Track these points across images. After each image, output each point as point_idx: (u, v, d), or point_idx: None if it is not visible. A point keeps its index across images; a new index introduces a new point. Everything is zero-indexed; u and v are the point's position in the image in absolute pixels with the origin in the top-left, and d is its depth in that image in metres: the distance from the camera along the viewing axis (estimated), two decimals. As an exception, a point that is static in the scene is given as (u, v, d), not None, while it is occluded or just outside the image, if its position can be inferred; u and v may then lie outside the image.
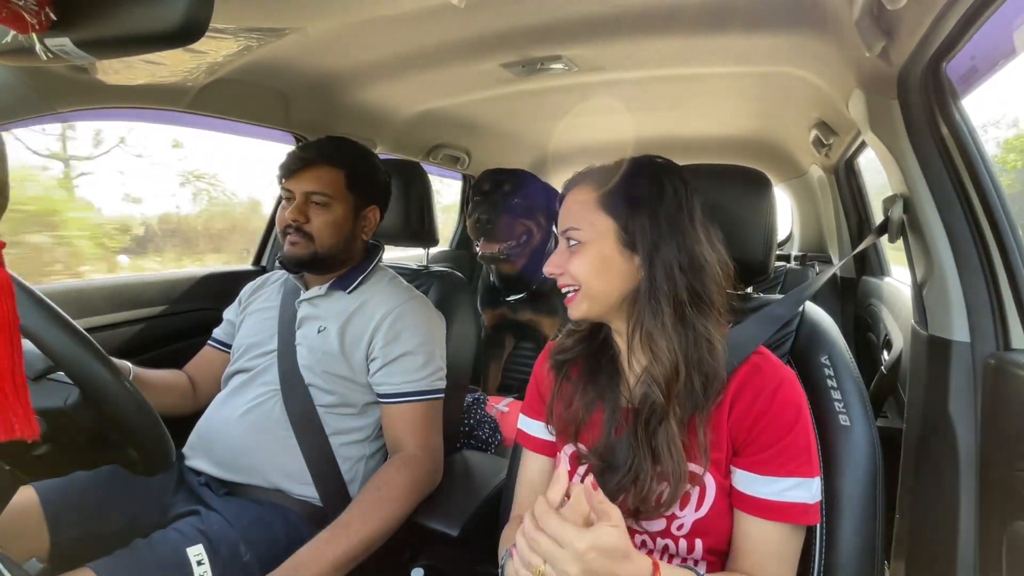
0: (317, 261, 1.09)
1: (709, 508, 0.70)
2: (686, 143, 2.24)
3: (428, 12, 1.03)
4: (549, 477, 0.82)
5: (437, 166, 2.26)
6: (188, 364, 1.25)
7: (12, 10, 0.43)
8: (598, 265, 0.72)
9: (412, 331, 1.08)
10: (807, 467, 0.68)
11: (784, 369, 0.73)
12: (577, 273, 0.73)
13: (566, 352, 0.82)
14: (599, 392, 0.77)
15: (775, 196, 0.92)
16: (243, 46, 1.08)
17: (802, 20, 1.00)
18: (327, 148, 1.11)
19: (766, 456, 0.67)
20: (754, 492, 0.68)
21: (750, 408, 0.69)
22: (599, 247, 0.72)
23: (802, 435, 0.68)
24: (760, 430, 0.68)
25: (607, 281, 0.72)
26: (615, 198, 0.73)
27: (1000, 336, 0.83)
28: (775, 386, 0.69)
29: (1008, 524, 0.72)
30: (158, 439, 0.72)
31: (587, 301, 0.73)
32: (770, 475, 0.67)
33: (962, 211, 0.86)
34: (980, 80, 0.91)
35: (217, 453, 1.04)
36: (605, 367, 0.79)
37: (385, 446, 1.11)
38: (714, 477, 0.70)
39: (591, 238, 0.73)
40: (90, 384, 0.67)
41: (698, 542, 0.71)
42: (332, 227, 1.08)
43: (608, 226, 0.73)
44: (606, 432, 0.75)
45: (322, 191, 1.07)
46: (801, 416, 0.69)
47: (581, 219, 0.74)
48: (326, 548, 0.87)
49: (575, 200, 0.76)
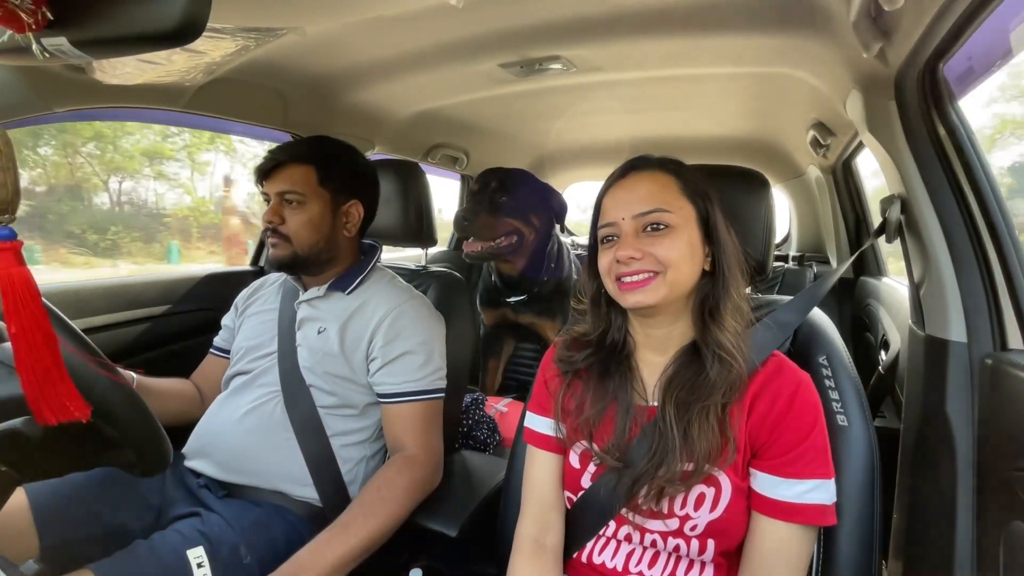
0: (299, 262, 1.09)
1: (724, 509, 0.69)
2: (684, 143, 2.24)
3: (426, 12, 1.03)
4: (559, 473, 0.82)
5: (435, 166, 2.25)
6: (193, 374, 1.25)
7: (9, 9, 0.43)
8: (687, 251, 0.71)
9: (412, 330, 1.07)
10: (825, 468, 0.68)
11: (801, 372, 0.73)
12: (667, 257, 0.70)
13: (574, 363, 0.81)
14: (612, 393, 0.76)
15: (773, 196, 0.92)
16: (241, 46, 1.07)
17: (799, 21, 1.00)
18: (297, 146, 1.11)
19: (788, 459, 0.67)
20: (775, 495, 0.67)
21: (770, 411, 0.69)
22: (688, 233, 0.72)
23: (820, 437, 0.69)
24: (781, 433, 0.68)
25: (692, 267, 0.72)
26: (695, 187, 0.74)
27: (997, 336, 0.83)
28: (794, 389, 0.70)
29: (1005, 524, 0.72)
30: (155, 439, 0.72)
31: (667, 287, 0.70)
32: (792, 477, 0.67)
33: (959, 212, 0.87)
34: (977, 81, 0.91)
35: (217, 455, 1.04)
36: (617, 368, 0.78)
37: (385, 447, 1.11)
38: (730, 478, 0.69)
39: (681, 222, 0.72)
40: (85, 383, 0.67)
41: (711, 543, 0.70)
42: (308, 226, 1.08)
43: (691, 214, 0.73)
44: (619, 431, 0.74)
45: (293, 189, 1.07)
46: (819, 419, 0.69)
47: (669, 202, 0.72)
48: (326, 549, 0.87)
49: (654, 182, 0.74)
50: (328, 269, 1.14)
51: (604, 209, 0.76)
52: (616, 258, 0.71)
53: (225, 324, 1.26)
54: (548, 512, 0.80)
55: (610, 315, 0.80)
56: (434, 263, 1.52)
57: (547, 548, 0.78)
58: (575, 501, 0.79)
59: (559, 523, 0.80)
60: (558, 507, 0.81)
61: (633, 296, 0.71)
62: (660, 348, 0.77)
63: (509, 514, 0.94)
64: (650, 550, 0.75)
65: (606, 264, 0.73)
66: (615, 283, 0.73)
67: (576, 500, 0.78)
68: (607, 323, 0.80)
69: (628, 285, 0.71)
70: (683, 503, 0.70)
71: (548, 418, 0.83)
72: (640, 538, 0.74)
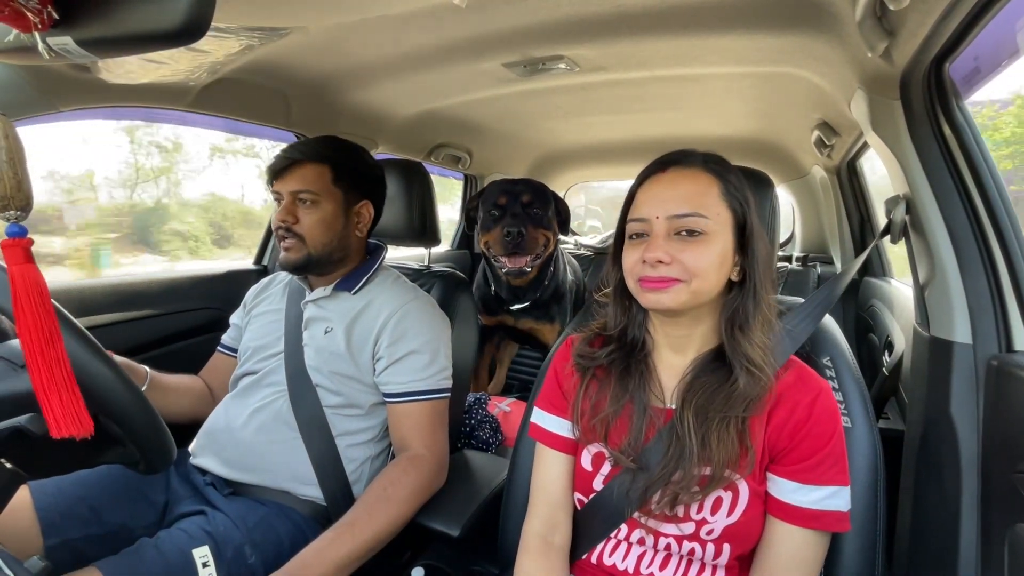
0: (312, 263, 1.09)
1: (741, 514, 0.68)
2: (688, 143, 2.22)
3: (430, 12, 1.03)
4: (569, 473, 0.80)
5: (439, 166, 2.26)
6: (202, 371, 1.25)
7: (14, 9, 0.43)
8: (717, 261, 0.67)
9: (417, 330, 1.07)
10: (843, 475, 0.68)
11: (821, 379, 0.72)
12: (696, 266, 0.66)
13: (595, 360, 0.78)
14: (629, 393, 0.75)
15: (777, 196, 0.92)
16: (245, 45, 1.08)
17: (804, 20, 1.00)
18: (311, 145, 1.11)
19: (806, 465, 0.67)
20: (794, 501, 0.67)
21: (789, 418, 0.68)
22: (722, 243, 0.68)
23: (839, 444, 0.68)
24: (801, 439, 0.67)
25: (720, 277, 0.69)
26: (737, 192, 0.70)
27: (1002, 338, 0.82)
28: (814, 396, 0.69)
29: (1010, 526, 0.72)
30: (159, 436, 0.72)
31: (689, 294, 0.67)
32: (811, 484, 0.66)
33: (964, 212, 0.86)
34: (983, 81, 0.90)
35: (225, 453, 1.04)
36: (635, 368, 0.76)
37: (389, 447, 1.11)
38: (748, 483, 0.68)
39: (716, 230, 0.67)
40: (89, 379, 0.67)
41: (726, 547, 0.70)
42: (322, 225, 1.08)
43: (728, 221, 0.69)
44: (635, 433, 0.73)
45: (308, 188, 1.06)
46: (838, 426, 0.69)
47: (707, 207, 0.67)
48: (330, 548, 0.87)
49: (695, 183, 0.69)
50: (337, 269, 1.14)
51: (638, 202, 0.72)
52: (644, 259, 0.68)
53: (234, 322, 1.27)
54: (556, 511, 0.79)
55: (631, 308, 0.78)
56: (437, 262, 1.52)
57: (554, 547, 0.77)
58: (586, 503, 0.78)
59: (567, 523, 0.79)
60: (566, 507, 0.80)
61: (653, 296, 0.68)
62: (679, 348, 0.75)
63: (512, 514, 0.94)
64: (662, 553, 0.74)
65: (632, 262, 0.70)
66: (637, 281, 0.70)
67: (587, 502, 0.77)
68: (628, 317, 0.78)
69: (650, 285, 0.68)
70: (699, 507, 0.69)
71: (559, 416, 0.81)
72: (654, 542, 0.73)
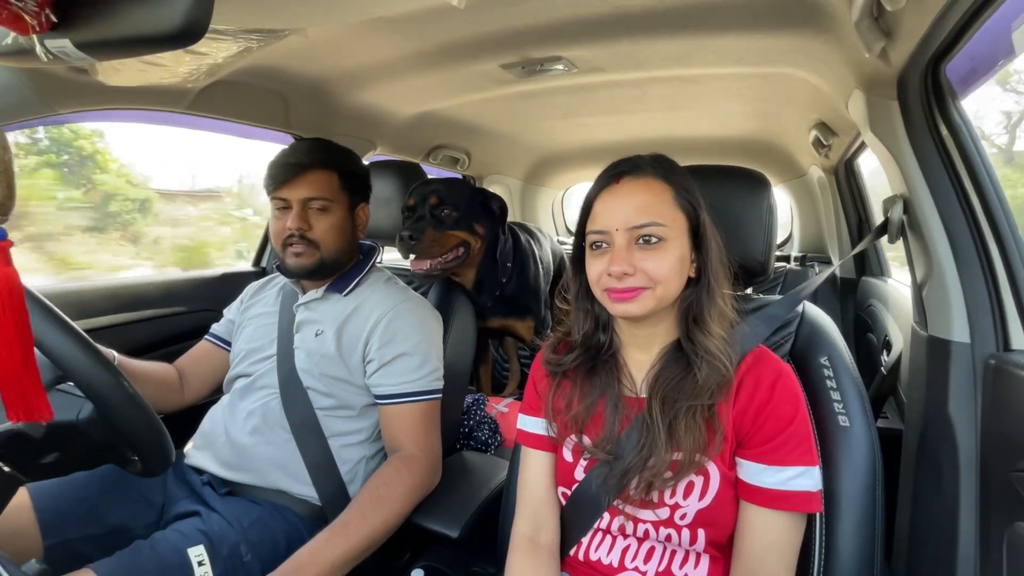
0: (324, 267, 1.10)
1: (713, 498, 0.71)
2: (686, 144, 2.24)
3: (428, 13, 1.03)
4: (552, 472, 0.83)
5: (437, 167, 2.26)
6: (182, 357, 1.23)
7: (12, 11, 0.43)
8: (677, 265, 0.71)
9: (407, 332, 1.08)
10: (809, 456, 0.70)
11: (781, 363, 0.75)
12: (657, 273, 0.69)
13: (562, 365, 0.82)
14: (600, 389, 0.78)
15: (775, 197, 0.92)
16: (243, 47, 1.08)
17: (802, 21, 1.00)
18: (318, 152, 1.10)
19: (771, 446, 0.69)
20: (760, 482, 0.69)
21: (751, 399, 0.71)
22: (679, 246, 0.71)
23: (803, 425, 0.70)
24: (763, 421, 0.70)
25: (681, 279, 0.73)
26: (686, 194, 0.73)
27: (1000, 337, 0.83)
28: (774, 378, 0.72)
29: (1008, 524, 0.72)
30: (158, 439, 0.72)
31: (655, 300, 0.71)
32: (775, 464, 0.68)
33: (962, 212, 0.86)
34: (979, 81, 0.91)
35: (221, 453, 1.05)
36: (603, 366, 0.79)
37: (385, 447, 1.11)
38: (718, 467, 0.71)
39: (673, 236, 0.71)
40: (85, 382, 0.67)
41: (701, 532, 0.72)
42: (335, 231, 1.09)
43: (683, 224, 0.72)
44: (609, 425, 0.76)
45: (321, 195, 1.07)
46: (800, 407, 0.71)
47: (663, 215, 0.71)
48: (326, 548, 0.87)
49: (648, 192, 0.72)
50: (338, 272, 1.14)
51: (595, 214, 0.75)
52: (608, 271, 0.71)
53: (228, 316, 1.27)
54: (542, 510, 0.82)
55: (594, 312, 0.81)
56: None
57: (542, 546, 0.79)
58: (570, 495, 0.80)
59: (553, 521, 0.81)
60: (551, 504, 0.82)
61: (622, 306, 0.71)
62: (645, 346, 0.79)
63: (511, 515, 0.94)
64: (644, 544, 0.76)
65: (597, 273, 0.73)
66: (603, 292, 0.73)
67: (571, 494, 0.80)
68: (593, 322, 0.81)
69: (617, 296, 0.71)
70: (672, 492, 0.71)
71: (539, 418, 0.85)
72: (633, 528, 0.75)
